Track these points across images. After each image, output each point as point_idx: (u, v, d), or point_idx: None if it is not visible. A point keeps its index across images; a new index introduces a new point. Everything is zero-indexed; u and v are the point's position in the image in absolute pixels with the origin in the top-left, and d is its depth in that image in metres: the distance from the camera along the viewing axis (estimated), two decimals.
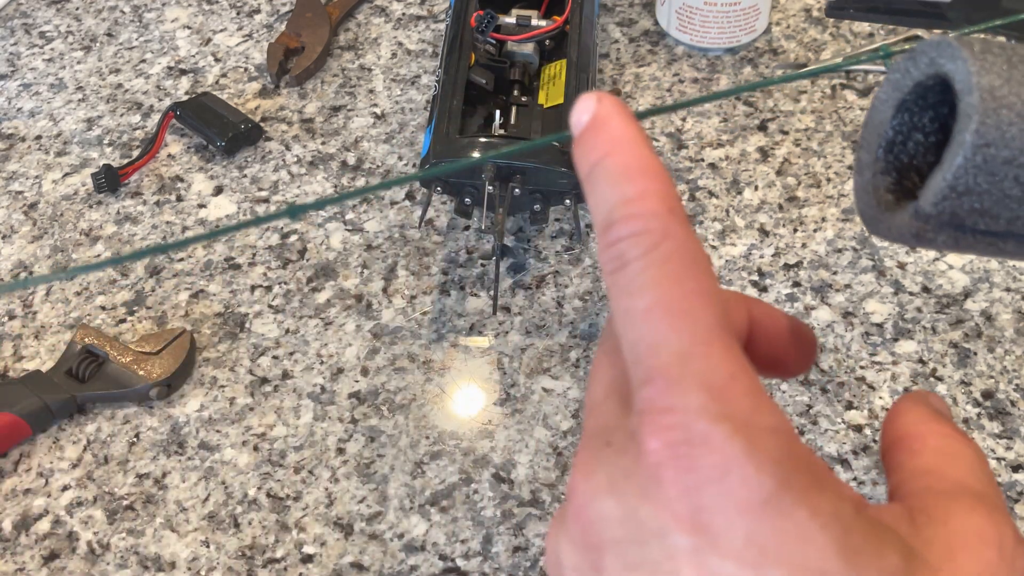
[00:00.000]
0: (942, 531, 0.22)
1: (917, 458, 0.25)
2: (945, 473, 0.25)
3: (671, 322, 0.21)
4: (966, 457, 0.25)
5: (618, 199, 0.22)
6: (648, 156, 0.22)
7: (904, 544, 0.22)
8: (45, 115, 0.67)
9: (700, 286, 0.21)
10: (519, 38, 0.58)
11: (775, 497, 0.20)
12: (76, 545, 0.49)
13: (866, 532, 0.20)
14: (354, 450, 0.52)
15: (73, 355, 0.54)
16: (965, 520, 0.22)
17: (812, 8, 0.70)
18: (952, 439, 0.26)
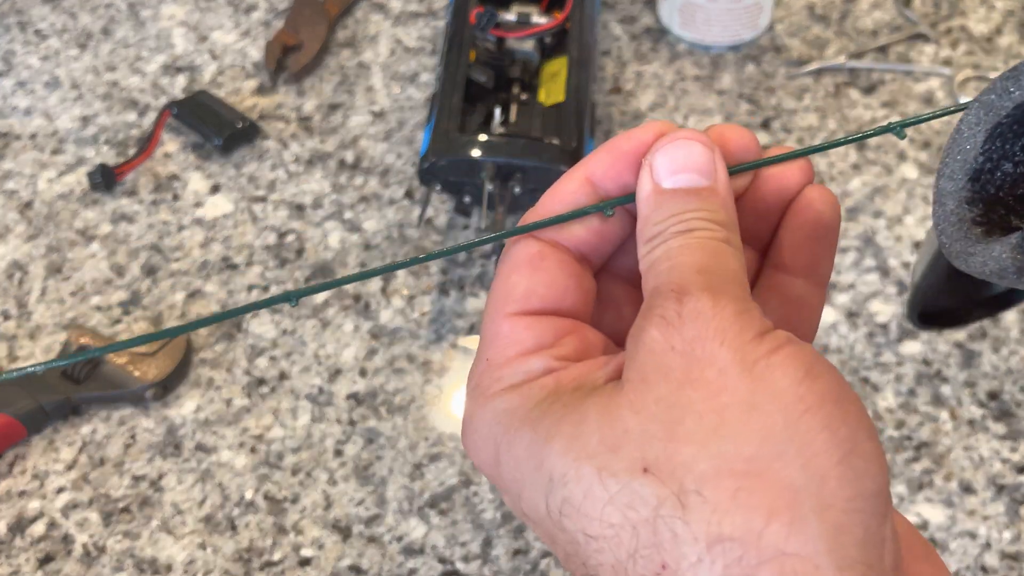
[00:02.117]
0: (637, 355, 0.24)
1: (643, 247, 0.26)
2: (656, 284, 0.25)
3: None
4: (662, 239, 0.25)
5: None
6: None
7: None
8: (40, 113, 0.66)
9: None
10: (519, 35, 0.58)
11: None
12: (71, 548, 0.49)
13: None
14: (352, 452, 0.51)
15: (68, 355, 0.53)
16: (644, 335, 0.24)
17: (815, 5, 0.70)
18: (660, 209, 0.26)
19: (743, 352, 0.23)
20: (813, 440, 0.22)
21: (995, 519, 0.48)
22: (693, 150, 0.26)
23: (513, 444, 0.24)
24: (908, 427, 0.51)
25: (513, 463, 0.24)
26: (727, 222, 0.25)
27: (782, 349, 0.23)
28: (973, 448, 0.50)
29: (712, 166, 0.26)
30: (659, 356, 0.23)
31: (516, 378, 0.25)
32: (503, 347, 0.26)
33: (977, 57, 0.66)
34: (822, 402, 0.22)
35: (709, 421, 0.22)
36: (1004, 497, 0.49)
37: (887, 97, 0.64)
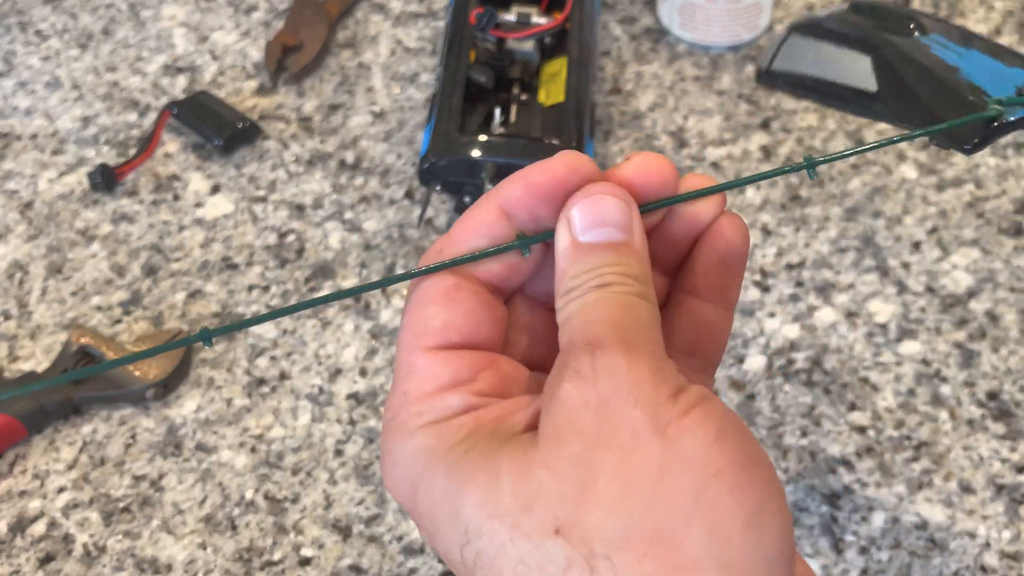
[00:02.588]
0: (551, 408, 0.24)
1: (561, 300, 0.26)
2: (571, 338, 0.25)
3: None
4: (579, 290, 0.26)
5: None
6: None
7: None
8: (41, 113, 0.66)
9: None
10: (519, 35, 0.58)
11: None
12: (72, 547, 0.49)
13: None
14: (353, 451, 0.51)
15: (69, 356, 0.53)
16: (559, 389, 0.24)
17: (815, 5, 0.70)
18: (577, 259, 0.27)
19: (656, 413, 0.23)
20: (719, 503, 0.22)
21: (994, 519, 0.48)
22: (610, 205, 0.26)
23: (431, 486, 0.25)
24: (907, 427, 0.51)
25: (429, 504, 0.25)
26: (642, 276, 0.26)
27: (694, 410, 0.23)
28: (972, 448, 0.50)
29: (628, 221, 0.26)
30: (573, 412, 0.23)
31: (434, 415, 0.25)
32: (420, 381, 0.26)
33: None
34: (731, 465, 0.23)
35: (620, 484, 0.23)
36: (1003, 497, 0.49)
37: None
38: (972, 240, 0.58)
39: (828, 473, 0.50)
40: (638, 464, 0.23)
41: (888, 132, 0.40)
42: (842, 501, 0.49)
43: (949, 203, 0.59)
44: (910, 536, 0.48)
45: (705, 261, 0.28)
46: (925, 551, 0.47)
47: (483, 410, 0.25)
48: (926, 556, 0.47)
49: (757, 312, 0.55)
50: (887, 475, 0.49)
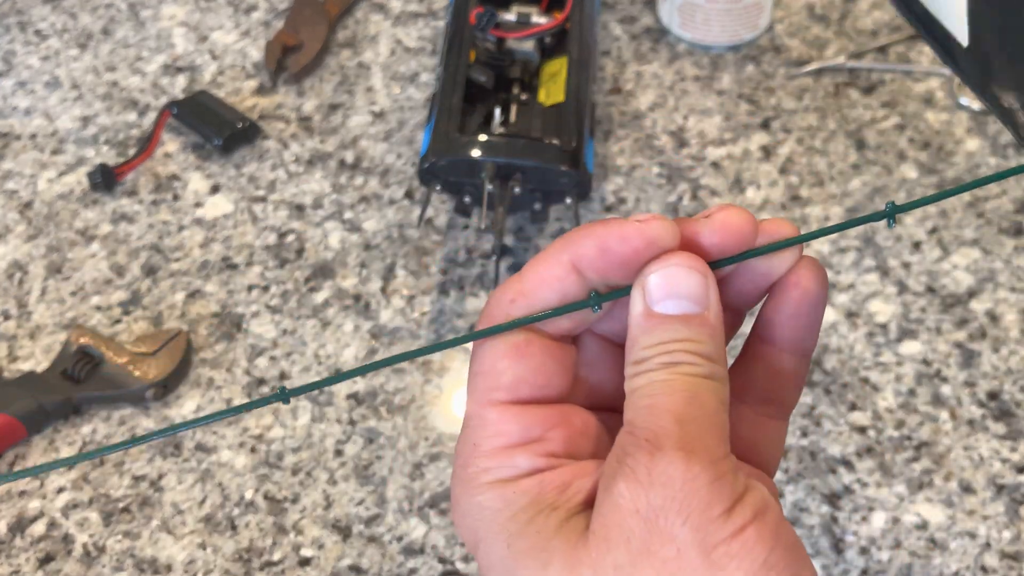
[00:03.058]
0: (603, 506, 0.24)
1: (627, 402, 0.26)
2: (633, 422, 0.25)
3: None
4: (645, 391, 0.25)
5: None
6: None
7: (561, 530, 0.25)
8: (40, 113, 0.66)
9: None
10: (519, 35, 0.58)
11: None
12: (72, 548, 0.49)
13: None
14: (352, 452, 0.51)
15: (68, 356, 0.53)
16: (614, 487, 0.24)
17: (815, 5, 0.70)
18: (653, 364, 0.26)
19: (705, 532, 0.23)
20: None
21: (995, 519, 0.48)
22: (687, 277, 0.26)
23: (490, 549, 0.25)
24: (908, 427, 0.51)
25: (487, 564, 0.25)
26: (714, 354, 0.26)
27: (746, 530, 0.23)
28: (973, 448, 0.50)
29: (704, 293, 0.26)
30: (624, 516, 0.24)
31: (501, 473, 0.26)
32: (490, 436, 0.26)
33: None
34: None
35: None
36: (1004, 497, 0.49)
37: (887, 97, 0.64)
38: (972, 240, 0.57)
39: (828, 473, 0.49)
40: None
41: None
42: (842, 501, 0.49)
43: (949, 203, 0.59)
44: (910, 536, 0.48)
45: (783, 311, 0.28)
46: (925, 551, 0.47)
47: (549, 473, 0.26)
48: (926, 556, 0.47)
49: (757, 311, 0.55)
50: (887, 475, 0.49)
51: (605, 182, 0.61)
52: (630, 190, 0.60)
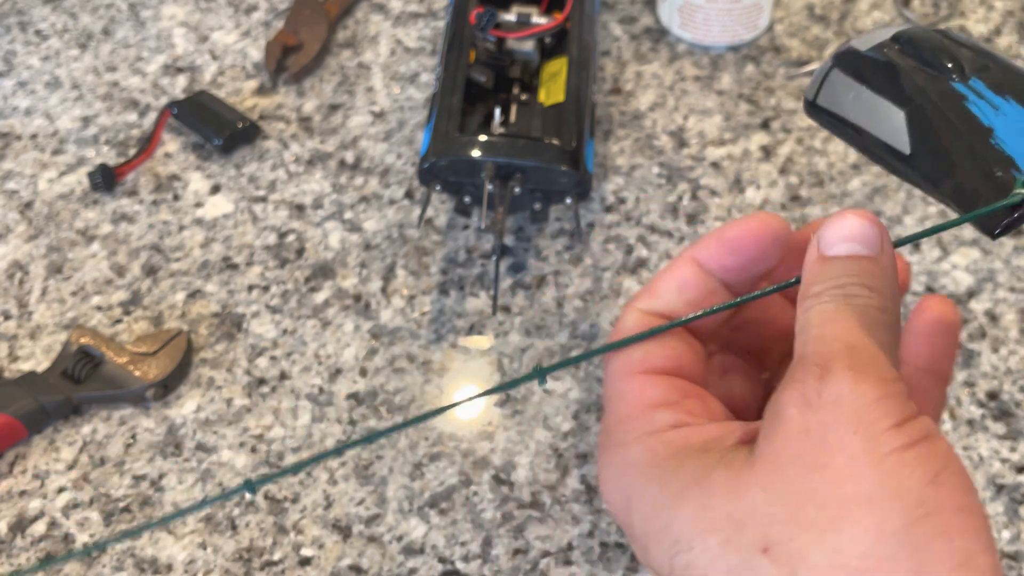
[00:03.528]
0: (771, 429, 0.24)
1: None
2: (803, 350, 0.25)
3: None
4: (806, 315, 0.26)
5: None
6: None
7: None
8: (41, 113, 0.66)
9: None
10: (519, 35, 0.58)
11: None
12: (72, 547, 0.49)
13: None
14: (352, 451, 0.51)
15: (69, 356, 0.53)
16: (783, 412, 0.24)
17: (815, 5, 0.70)
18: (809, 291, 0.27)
19: (875, 442, 0.23)
20: (928, 546, 0.22)
21: (994, 519, 0.48)
22: (862, 223, 0.27)
23: (643, 496, 0.25)
24: None
25: (641, 516, 0.26)
26: (886, 289, 0.26)
27: (916, 446, 0.23)
28: (972, 448, 0.50)
29: (878, 239, 0.27)
30: (794, 438, 0.24)
31: (646, 428, 0.26)
32: (631, 401, 0.27)
33: None
34: (942, 509, 0.22)
35: (830, 511, 0.23)
36: (1003, 497, 0.49)
37: None
38: (972, 240, 0.58)
39: None
40: (851, 492, 0.23)
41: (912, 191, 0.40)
42: None
43: None
44: None
45: (918, 331, 0.29)
46: None
47: (691, 428, 0.26)
48: None
49: None
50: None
51: (605, 182, 0.61)
52: (630, 190, 0.61)
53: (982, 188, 0.34)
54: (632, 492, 0.26)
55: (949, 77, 0.38)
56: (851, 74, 0.40)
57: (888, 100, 0.38)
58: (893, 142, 0.38)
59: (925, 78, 0.38)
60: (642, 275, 0.57)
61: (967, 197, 0.34)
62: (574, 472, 0.50)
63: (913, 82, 0.38)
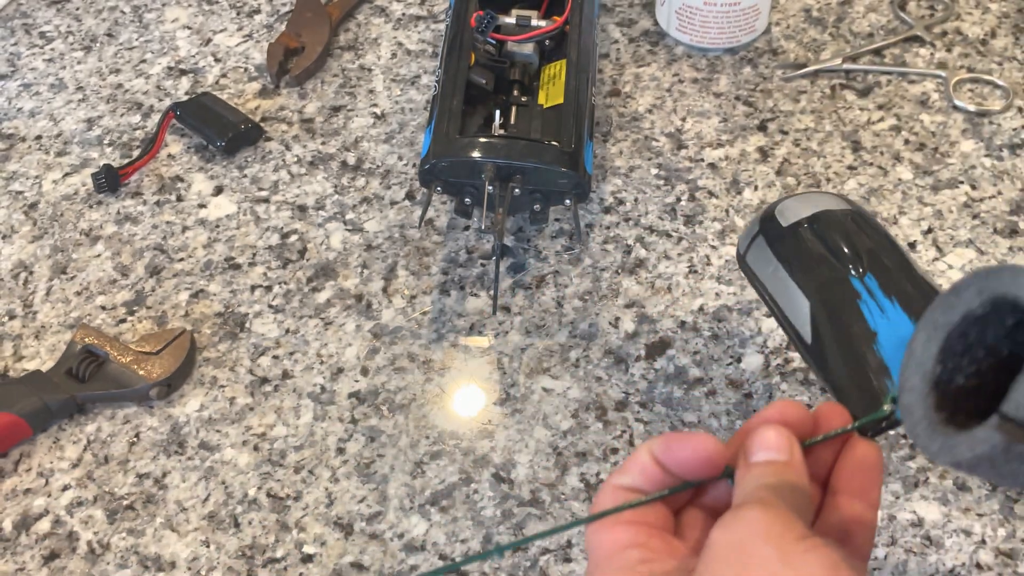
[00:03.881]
0: (704, 552, 0.31)
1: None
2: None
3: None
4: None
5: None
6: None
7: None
8: (45, 115, 0.67)
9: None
10: (519, 38, 0.58)
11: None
12: (76, 545, 0.49)
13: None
14: (354, 450, 0.52)
15: (73, 355, 0.54)
16: (710, 537, 0.31)
17: (812, 8, 0.70)
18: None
19: (783, 548, 0.29)
20: None
21: (989, 517, 0.48)
22: (772, 435, 0.34)
23: None
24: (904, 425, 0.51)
25: None
26: (796, 479, 0.33)
27: (818, 549, 0.29)
28: None
29: (788, 445, 0.34)
30: (719, 551, 0.31)
31: (619, 564, 0.33)
32: (607, 545, 0.34)
33: (971, 59, 0.67)
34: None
35: None
36: (998, 495, 0.49)
37: (883, 99, 0.65)
38: (967, 241, 0.58)
39: None
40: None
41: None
42: None
43: (944, 204, 0.60)
44: (906, 534, 0.48)
45: (848, 467, 0.35)
46: (921, 548, 0.48)
47: (656, 563, 0.33)
48: (922, 553, 0.48)
49: (755, 312, 0.56)
50: (883, 473, 0.50)
51: (604, 183, 0.61)
52: (629, 191, 0.61)
53: (858, 394, 0.41)
54: None
55: (848, 271, 0.44)
56: (772, 246, 0.47)
57: (798, 288, 0.46)
58: (799, 328, 0.45)
59: (829, 270, 0.45)
60: (640, 275, 0.57)
61: (846, 398, 0.41)
62: (573, 470, 0.50)
63: (820, 274, 0.45)
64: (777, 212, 0.47)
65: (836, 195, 0.48)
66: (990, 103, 0.64)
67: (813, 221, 0.46)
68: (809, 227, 0.46)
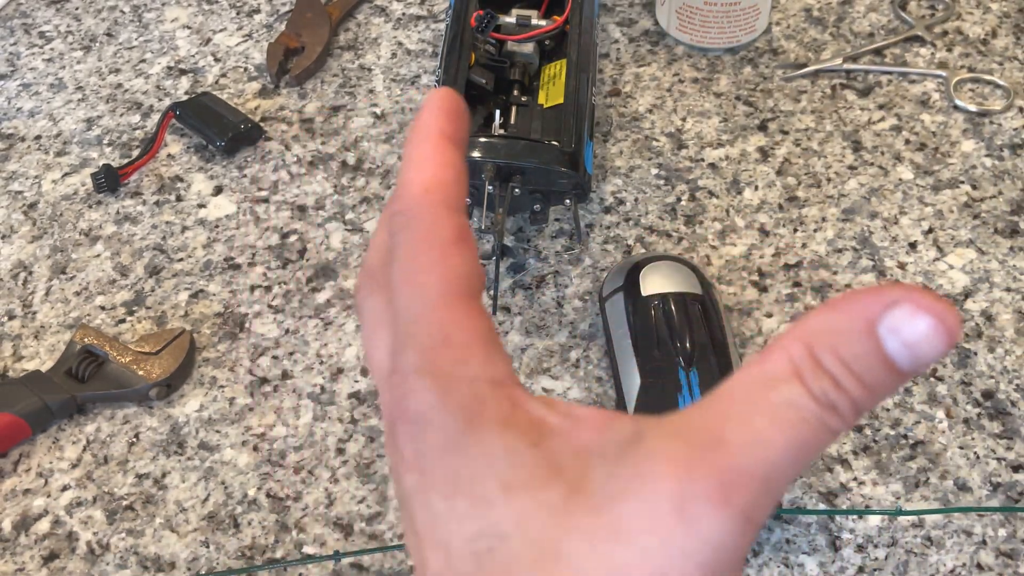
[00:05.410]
0: (633, 468, 0.22)
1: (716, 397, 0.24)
2: (691, 416, 0.23)
3: (406, 292, 0.25)
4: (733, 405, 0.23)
5: (397, 183, 0.27)
6: (424, 146, 0.26)
7: (579, 478, 0.22)
8: (45, 115, 0.67)
9: (431, 258, 0.25)
10: (519, 38, 0.58)
11: (458, 438, 0.23)
12: (76, 545, 0.49)
13: (534, 466, 0.22)
14: (354, 450, 0.52)
15: (73, 355, 0.54)
16: (657, 463, 0.22)
17: (812, 8, 0.70)
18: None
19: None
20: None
21: (990, 517, 0.48)
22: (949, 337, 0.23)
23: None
24: (904, 425, 0.51)
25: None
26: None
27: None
28: (968, 447, 0.51)
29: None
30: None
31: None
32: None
33: (972, 59, 0.67)
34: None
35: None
36: (999, 495, 0.49)
37: (883, 99, 0.65)
38: (968, 241, 0.58)
39: (825, 471, 0.50)
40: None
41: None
42: (839, 499, 0.49)
43: (945, 204, 0.60)
44: (906, 534, 0.48)
45: None
46: (921, 549, 0.48)
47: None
48: (922, 554, 0.48)
49: (755, 312, 0.56)
50: (884, 473, 0.50)
51: (604, 183, 0.61)
52: (629, 191, 0.61)
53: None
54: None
55: (679, 363, 0.48)
56: (627, 308, 0.50)
57: (636, 364, 0.49)
58: (627, 398, 0.49)
59: (664, 356, 0.48)
60: None
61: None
62: None
63: (654, 357, 0.48)
64: (642, 276, 0.51)
65: (696, 271, 0.52)
66: (991, 103, 0.64)
67: (665, 301, 0.50)
68: (661, 305, 0.50)
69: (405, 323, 0.25)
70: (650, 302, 0.50)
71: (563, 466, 0.22)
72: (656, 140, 0.63)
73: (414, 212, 0.25)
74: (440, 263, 0.25)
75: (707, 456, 0.21)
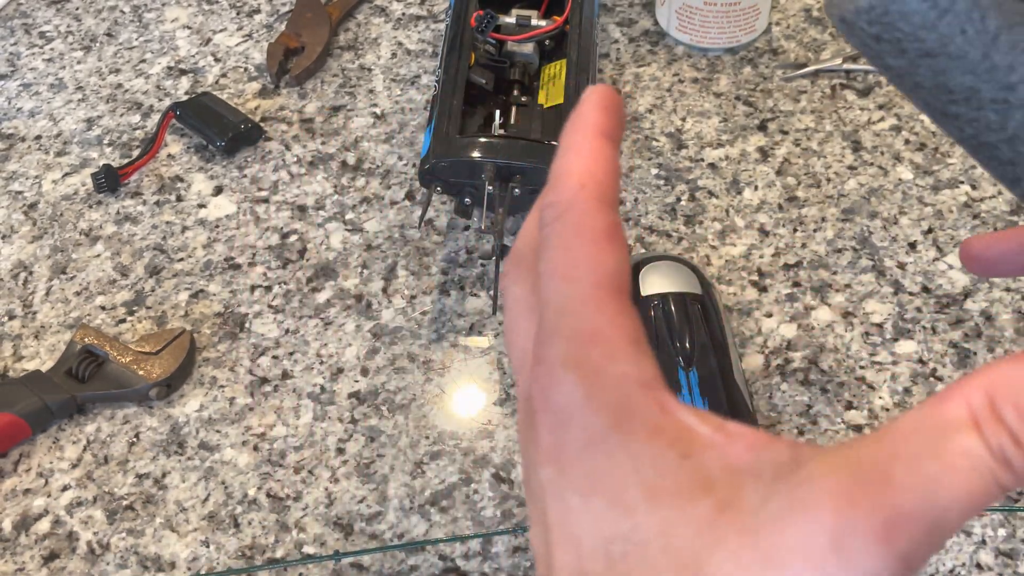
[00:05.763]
0: (790, 495, 0.21)
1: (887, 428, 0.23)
2: (861, 448, 0.22)
3: (556, 284, 0.24)
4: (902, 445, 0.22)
5: (551, 174, 0.26)
6: (582, 141, 0.26)
7: (731, 496, 0.22)
8: (45, 115, 0.67)
9: (583, 252, 0.24)
10: (519, 38, 0.58)
11: (603, 438, 0.22)
12: (76, 545, 0.49)
13: (683, 477, 0.22)
14: (354, 450, 0.52)
15: (73, 355, 0.54)
16: (817, 493, 0.21)
17: (812, 8, 0.70)
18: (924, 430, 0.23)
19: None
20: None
21: (990, 517, 0.48)
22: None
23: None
24: None
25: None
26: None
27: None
28: None
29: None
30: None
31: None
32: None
33: None
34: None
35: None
36: None
37: (883, 99, 0.65)
38: None
39: None
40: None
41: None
42: None
43: (945, 204, 0.60)
44: None
45: None
46: None
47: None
48: None
49: (755, 312, 0.56)
50: None
51: None
52: (629, 191, 0.61)
53: None
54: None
55: (678, 363, 0.47)
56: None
57: None
58: None
59: (664, 355, 0.47)
60: None
61: None
62: None
63: (656, 358, 0.45)
64: (641, 276, 0.51)
65: (696, 271, 0.52)
66: None
67: (665, 301, 0.50)
68: (660, 305, 0.50)
69: (554, 314, 0.24)
70: (649, 302, 0.50)
71: (714, 481, 0.22)
72: (656, 140, 0.63)
73: (568, 204, 0.25)
74: (592, 258, 0.24)
75: (872, 493, 0.21)
